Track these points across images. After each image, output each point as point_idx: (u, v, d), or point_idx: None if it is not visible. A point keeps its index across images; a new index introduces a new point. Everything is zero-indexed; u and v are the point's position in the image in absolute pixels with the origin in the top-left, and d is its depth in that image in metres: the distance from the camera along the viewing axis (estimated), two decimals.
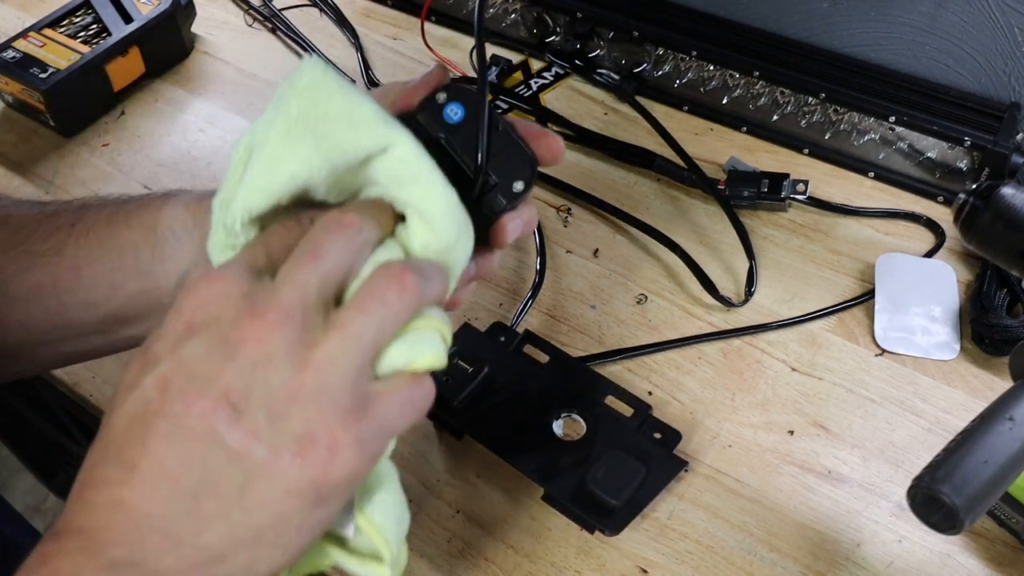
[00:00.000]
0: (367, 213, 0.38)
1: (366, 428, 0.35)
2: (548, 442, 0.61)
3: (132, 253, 0.49)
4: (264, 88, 0.93)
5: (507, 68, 0.93)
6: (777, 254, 0.75)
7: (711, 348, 0.69)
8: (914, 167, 0.79)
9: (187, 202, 0.50)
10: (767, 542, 0.59)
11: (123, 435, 0.34)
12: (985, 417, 0.44)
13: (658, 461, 0.59)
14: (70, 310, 0.50)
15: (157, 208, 0.50)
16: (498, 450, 0.61)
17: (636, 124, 0.86)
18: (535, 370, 0.65)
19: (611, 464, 0.58)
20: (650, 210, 0.79)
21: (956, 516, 0.41)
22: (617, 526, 0.57)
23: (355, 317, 0.35)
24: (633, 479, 0.57)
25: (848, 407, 0.65)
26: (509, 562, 0.59)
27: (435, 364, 0.38)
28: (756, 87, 0.83)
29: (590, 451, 0.60)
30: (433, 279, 0.38)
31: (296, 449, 0.34)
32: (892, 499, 0.61)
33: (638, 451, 0.59)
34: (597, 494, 0.57)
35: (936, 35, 0.76)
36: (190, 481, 0.33)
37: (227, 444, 0.33)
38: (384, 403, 0.36)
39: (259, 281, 0.36)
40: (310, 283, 0.35)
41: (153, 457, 0.33)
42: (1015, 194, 0.51)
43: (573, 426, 0.62)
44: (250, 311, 0.34)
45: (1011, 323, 0.66)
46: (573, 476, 0.58)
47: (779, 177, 0.77)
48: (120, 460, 0.34)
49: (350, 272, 0.37)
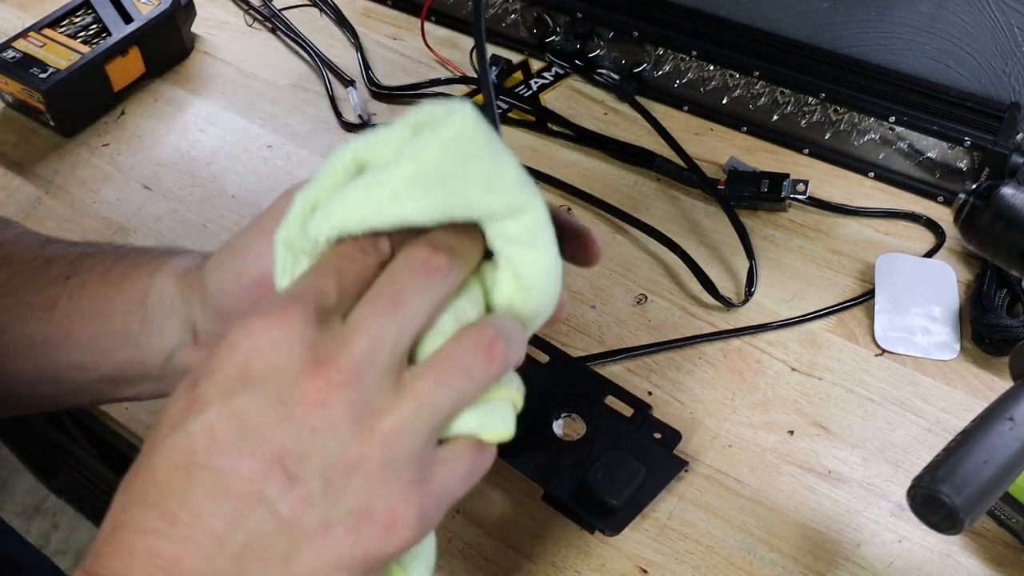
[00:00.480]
0: (458, 254, 0.34)
1: (427, 500, 0.32)
2: (548, 442, 0.61)
3: (122, 320, 0.47)
4: (264, 88, 0.93)
5: (507, 68, 0.93)
6: (777, 254, 0.75)
7: (711, 348, 0.69)
8: (914, 167, 0.79)
9: (177, 275, 0.47)
10: (767, 542, 0.59)
11: (165, 482, 0.32)
12: (985, 417, 0.44)
13: (658, 461, 0.59)
14: (61, 370, 0.48)
15: (149, 275, 0.47)
16: (498, 451, 0.61)
17: (636, 124, 0.86)
18: (535, 370, 0.65)
19: (611, 464, 0.58)
20: (650, 210, 0.79)
21: (956, 516, 0.41)
22: (617, 526, 0.57)
23: (433, 387, 0.32)
24: (633, 479, 0.57)
25: (848, 407, 0.65)
26: (509, 562, 0.59)
27: (504, 437, 0.36)
28: (756, 87, 0.83)
29: (590, 451, 0.60)
30: (518, 345, 0.34)
31: (352, 524, 0.31)
32: (892, 499, 0.61)
33: (638, 451, 0.59)
34: (597, 494, 0.57)
35: (936, 35, 0.76)
36: (235, 543, 0.31)
37: (277, 509, 0.31)
38: (448, 472, 0.33)
39: (326, 326, 0.32)
40: (385, 337, 0.31)
41: (196, 513, 0.31)
42: (1015, 194, 0.51)
43: (573, 426, 0.62)
44: (313, 366, 0.31)
45: (1011, 323, 0.66)
46: (573, 476, 0.58)
47: (779, 177, 0.77)
48: (161, 509, 0.31)
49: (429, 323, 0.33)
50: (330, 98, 0.91)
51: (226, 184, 0.84)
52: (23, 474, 1.61)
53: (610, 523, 0.57)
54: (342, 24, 0.99)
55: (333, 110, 0.90)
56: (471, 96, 0.90)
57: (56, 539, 1.61)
